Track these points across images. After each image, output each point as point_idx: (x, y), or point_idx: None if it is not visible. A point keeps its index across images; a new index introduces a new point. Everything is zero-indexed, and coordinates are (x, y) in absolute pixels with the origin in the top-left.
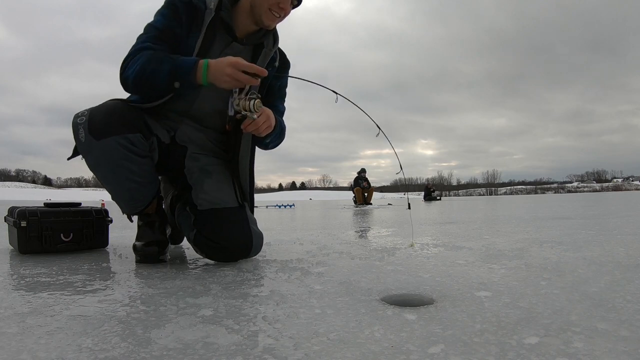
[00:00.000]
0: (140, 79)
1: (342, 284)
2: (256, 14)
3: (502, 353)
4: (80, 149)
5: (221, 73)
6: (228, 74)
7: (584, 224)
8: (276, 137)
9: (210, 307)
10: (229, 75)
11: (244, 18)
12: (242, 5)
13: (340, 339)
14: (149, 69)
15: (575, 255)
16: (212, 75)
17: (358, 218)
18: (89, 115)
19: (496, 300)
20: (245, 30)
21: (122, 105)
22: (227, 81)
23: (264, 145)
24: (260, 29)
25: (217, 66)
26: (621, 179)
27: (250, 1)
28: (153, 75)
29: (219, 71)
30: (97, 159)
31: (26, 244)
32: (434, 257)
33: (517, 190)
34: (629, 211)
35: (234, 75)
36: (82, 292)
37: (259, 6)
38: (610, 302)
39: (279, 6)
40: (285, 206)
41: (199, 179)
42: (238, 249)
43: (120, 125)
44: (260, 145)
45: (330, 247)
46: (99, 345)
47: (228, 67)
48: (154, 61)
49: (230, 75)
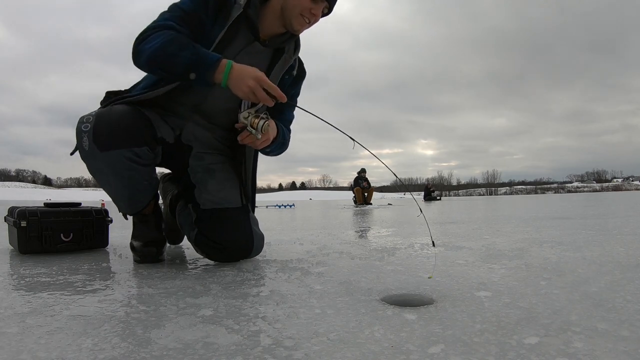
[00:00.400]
0: (156, 57)
1: (342, 284)
2: (286, 17)
3: (502, 353)
4: (82, 156)
5: (243, 82)
6: (249, 85)
7: (584, 224)
8: (277, 147)
9: (210, 307)
10: (249, 87)
11: (271, 19)
12: (271, 6)
13: (340, 339)
14: (169, 50)
15: (575, 255)
16: (232, 79)
17: (358, 218)
18: (95, 123)
19: (496, 300)
20: (270, 31)
21: (130, 113)
22: (245, 92)
23: (264, 152)
24: (285, 32)
25: (241, 73)
26: (621, 179)
27: (282, 3)
28: (171, 58)
29: (241, 79)
30: (99, 168)
31: (26, 244)
32: (434, 257)
33: (517, 191)
34: (629, 211)
35: (254, 89)
36: (82, 292)
37: (290, 10)
38: (610, 302)
39: (311, 12)
40: (285, 206)
41: (203, 178)
42: (239, 250)
43: (127, 138)
44: (262, 152)
45: (330, 247)
46: (99, 345)
47: (252, 79)
48: (176, 44)
49: (251, 88)
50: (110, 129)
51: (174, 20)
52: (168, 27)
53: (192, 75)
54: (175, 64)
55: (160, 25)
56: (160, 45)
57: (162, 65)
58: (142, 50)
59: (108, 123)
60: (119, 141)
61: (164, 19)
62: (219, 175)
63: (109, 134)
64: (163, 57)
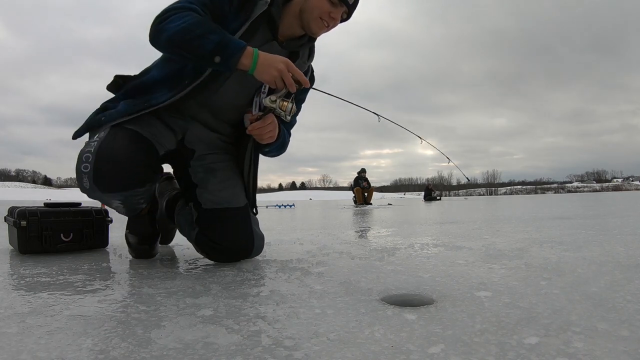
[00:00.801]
0: (182, 37)
1: (342, 284)
2: (305, 20)
3: (502, 353)
4: (82, 190)
5: (272, 66)
6: (279, 69)
7: (584, 224)
8: (276, 148)
9: (210, 307)
10: (279, 71)
11: (290, 20)
12: (292, 7)
13: (340, 339)
14: (196, 31)
15: (575, 255)
16: (261, 64)
17: (358, 218)
18: (95, 164)
19: (496, 300)
20: (288, 33)
21: (131, 151)
22: (274, 76)
23: (263, 154)
24: (303, 36)
25: (270, 58)
26: (621, 179)
27: (301, 5)
28: (198, 39)
29: (271, 64)
30: (99, 197)
31: (26, 244)
32: (434, 257)
33: (517, 191)
34: (629, 211)
35: (283, 74)
36: (82, 292)
37: (309, 12)
38: (610, 302)
39: (330, 15)
40: (285, 206)
41: (204, 177)
42: (239, 251)
43: (128, 182)
44: (260, 151)
45: (330, 247)
46: (99, 345)
47: (282, 63)
48: (204, 26)
49: (280, 72)
50: (111, 172)
51: (197, 4)
52: (192, 10)
53: (217, 58)
54: (201, 45)
55: (184, 7)
56: (187, 26)
57: (186, 46)
58: (164, 28)
59: (109, 165)
60: (120, 186)
61: (188, 1)
62: (220, 174)
63: (109, 178)
64: (190, 37)
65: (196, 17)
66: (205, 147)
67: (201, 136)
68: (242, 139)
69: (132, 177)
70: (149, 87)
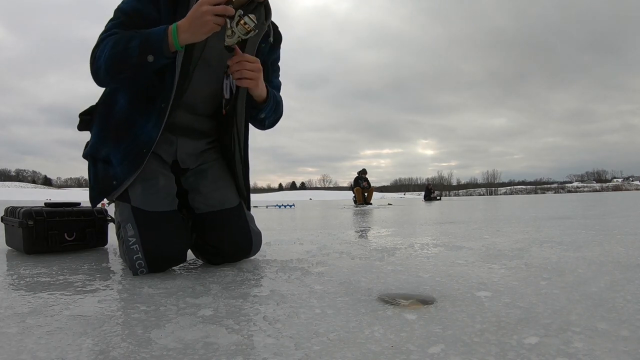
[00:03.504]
0: (112, 62)
1: (342, 284)
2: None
3: (502, 353)
4: (134, 273)
5: (198, 18)
6: (204, 11)
7: (584, 224)
8: (271, 111)
9: (210, 307)
10: (205, 13)
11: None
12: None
13: (340, 339)
14: (119, 49)
15: (575, 255)
16: (185, 31)
17: (358, 218)
18: (148, 268)
19: (496, 300)
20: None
21: (177, 246)
22: (207, 20)
23: (260, 124)
24: (251, 2)
25: (191, 15)
26: (621, 179)
27: None
28: (124, 54)
29: (196, 19)
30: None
31: (33, 244)
32: (434, 257)
33: (517, 190)
34: (629, 211)
35: (211, 10)
36: (82, 292)
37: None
38: (610, 302)
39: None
40: (285, 206)
41: (195, 181)
42: (238, 252)
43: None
44: (256, 123)
45: (330, 247)
46: (99, 345)
47: (201, 5)
48: (122, 41)
49: (209, 12)
50: (165, 265)
51: (116, 27)
52: (111, 34)
53: (150, 57)
54: (130, 56)
55: (103, 39)
56: (109, 51)
57: (120, 66)
58: (98, 67)
59: (162, 263)
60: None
61: (106, 31)
62: (211, 174)
63: (161, 265)
64: (117, 58)
65: (114, 39)
66: (195, 159)
67: (189, 151)
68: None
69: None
70: (126, 119)
